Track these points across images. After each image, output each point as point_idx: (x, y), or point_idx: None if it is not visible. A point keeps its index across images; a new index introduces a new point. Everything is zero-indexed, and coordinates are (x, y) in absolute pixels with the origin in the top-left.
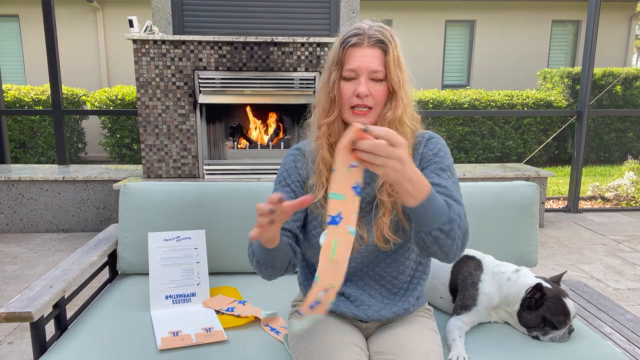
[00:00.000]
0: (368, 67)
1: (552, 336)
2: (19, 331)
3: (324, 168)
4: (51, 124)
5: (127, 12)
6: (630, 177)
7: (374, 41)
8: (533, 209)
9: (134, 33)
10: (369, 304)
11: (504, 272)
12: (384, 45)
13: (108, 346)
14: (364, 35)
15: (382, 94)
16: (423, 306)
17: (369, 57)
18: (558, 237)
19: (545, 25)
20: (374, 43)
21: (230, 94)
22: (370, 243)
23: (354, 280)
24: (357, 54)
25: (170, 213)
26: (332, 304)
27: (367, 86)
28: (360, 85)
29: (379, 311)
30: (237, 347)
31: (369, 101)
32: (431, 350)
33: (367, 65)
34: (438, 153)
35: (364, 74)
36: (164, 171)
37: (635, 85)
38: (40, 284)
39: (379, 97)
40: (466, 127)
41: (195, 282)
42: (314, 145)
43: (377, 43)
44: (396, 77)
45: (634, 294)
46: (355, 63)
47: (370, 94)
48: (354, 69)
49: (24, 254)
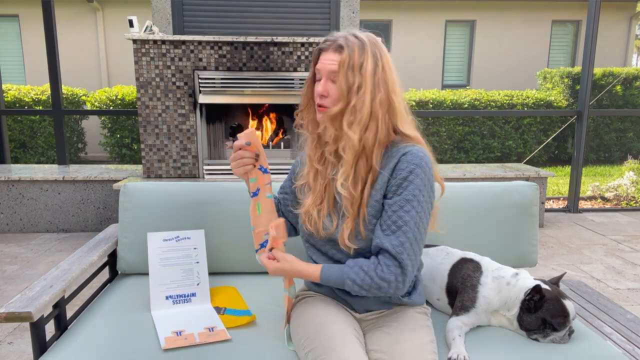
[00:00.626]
0: (327, 68)
1: (553, 338)
2: (19, 331)
3: (308, 162)
4: (51, 124)
5: (127, 12)
6: (630, 177)
7: (336, 46)
8: (533, 209)
9: (134, 33)
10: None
11: (504, 276)
12: (342, 50)
13: (108, 346)
14: (332, 41)
15: (334, 93)
16: (420, 306)
17: (329, 60)
18: (558, 237)
19: (545, 25)
20: (336, 47)
21: (230, 94)
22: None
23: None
24: (323, 58)
25: (170, 213)
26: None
27: (325, 86)
28: (320, 86)
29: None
30: (239, 346)
31: (325, 101)
32: (424, 345)
33: (326, 66)
34: (407, 177)
35: (325, 75)
36: (164, 171)
37: (635, 85)
38: (40, 284)
39: (333, 97)
40: (466, 127)
41: (195, 282)
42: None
43: (338, 48)
44: (345, 79)
45: (634, 294)
46: (320, 65)
47: (328, 94)
48: (318, 70)
49: (24, 254)
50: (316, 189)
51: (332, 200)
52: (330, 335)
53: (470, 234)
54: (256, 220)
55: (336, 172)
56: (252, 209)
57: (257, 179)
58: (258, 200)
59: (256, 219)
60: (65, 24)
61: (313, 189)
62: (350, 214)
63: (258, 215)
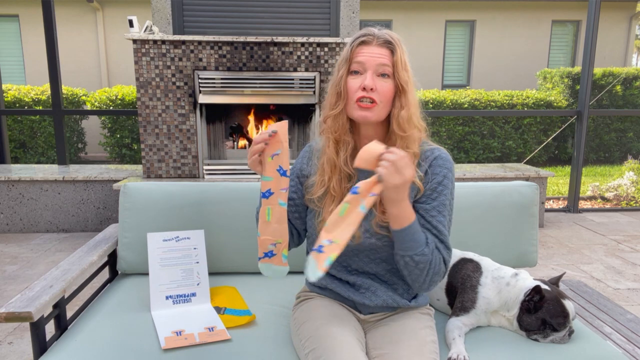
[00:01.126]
0: (375, 60)
1: (553, 338)
2: (19, 331)
3: (328, 167)
4: (51, 124)
5: (127, 12)
6: (630, 177)
7: (382, 41)
8: (533, 209)
9: (134, 33)
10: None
11: (503, 276)
12: (392, 46)
13: (108, 346)
14: (373, 35)
15: (388, 90)
16: (424, 306)
17: (377, 53)
18: (558, 237)
19: (545, 25)
20: (382, 42)
21: (230, 94)
22: (362, 243)
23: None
24: (365, 50)
25: (170, 213)
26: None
27: (373, 80)
28: (367, 79)
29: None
30: (239, 346)
31: (374, 95)
32: (425, 344)
33: (375, 59)
34: (442, 182)
35: (371, 68)
36: (164, 171)
37: (635, 85)
38: (40, 284)
39: (385, 92)
40: (466, 127)
41: (195, 282)
42: (321, 143)
43: (385, 43)
44: (404, 76)
45: (634, 294)
46: (363, 57)
47: (376, 89)
48: (361, 62)
49: (24, 254)
50: (338, 195)
51: None
52: (331, 337)
53: (470, 234)
54: (264, 226)
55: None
56: (262, 213)
57: (272, 179)
58: (269, 205)
59: (264, 225)
60: (65, 24)
61: (335, 196)
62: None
63: (267, 222)
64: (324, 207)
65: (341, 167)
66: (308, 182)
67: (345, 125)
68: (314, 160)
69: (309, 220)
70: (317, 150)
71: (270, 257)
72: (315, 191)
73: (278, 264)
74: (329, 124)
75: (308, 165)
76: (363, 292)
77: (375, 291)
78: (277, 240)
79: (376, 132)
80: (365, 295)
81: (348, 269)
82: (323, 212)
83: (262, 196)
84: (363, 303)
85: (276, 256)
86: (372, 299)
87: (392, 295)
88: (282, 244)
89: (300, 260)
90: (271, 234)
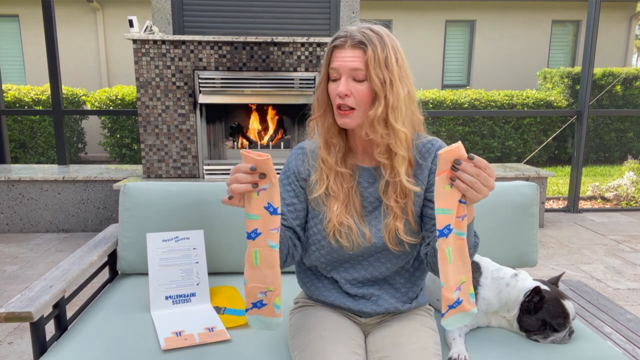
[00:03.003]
0: (347, 65)
1: (553, 339)
2: (19, 331)
3: (325, 167)
4: (51, 124)
5: (127, 12)
6: (630, 177)
7: (355, 42)
8: (533, 209)
9: (134, 33)
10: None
11: (503, 277)
12: (364, 46)
13: (108, 346)
14: (347, 37)
15: (364, 93)
16: (424, 306)
17: (349, 57)
18: (558, 237)
19: (545, 25)
20: (355, 44)
21: (230, 94)
22: (374, 243)
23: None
24: (339, 55)
25: (170, 213)
26: (335, 300)
27: (346, 86)
28: (340, 85)
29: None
30: (239, 346)
31: (349, 101)
32: (427, 347)
33: (347, 64)
34: None
35: (345, 74)
36: (164, 171)
37: (635, 85)
38: (40, 284)
39: (361, 97)
40: (466, 127)
41: (195, 282)
42: (315, 144)
43: (358, 44)
44: (377, 77)
45: (634, 294)
46: (337, 63)
47: (352, 94)
48: (335, 68)
49: (24, 254)
50: (341, 194)
51: (359, 205)
52: (322, 354)
53: None
54: (252, 272)
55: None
56: (248, 257)
57: (260, 218)
58: (257, 247)
59: (252, 271)
60: (65, 24)
61: (337, 195)
62: (399, 210)
63: (255, 267)
64: (329, 208)
65: (336, 168)
66: (310, 180)
67: (332, 129)
68: (309, 161)
69: (313, 227)
70: (312, 151)
71: (260, 308)
72: (317, 189)
73: (269, 315)
74: (314, 126)
75: (303, 166)
76: (364, 302)
77: (376, 301)
78: (268, 288)
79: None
80: (366, 305)
81: (352, 282)
82: (329, 213)
83: (248, 237)
84: (363, 311)
85: (267, 306)
86: (372, 307)
87: (393, 303)
88: (273, 292)
89: None
90: (261, 281)
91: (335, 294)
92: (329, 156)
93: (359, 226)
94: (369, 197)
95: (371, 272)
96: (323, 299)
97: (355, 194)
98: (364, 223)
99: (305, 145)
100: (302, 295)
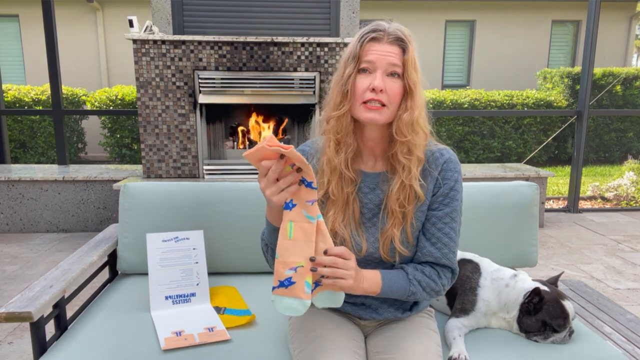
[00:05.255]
0: (387, 60)
1: (554, 339)
2: (19, 331)
3: (328, 169)
4: (51, 124)
5: (127, 12)
6: (630, 177)
7: (394, 38)
8: (533, 209)
9: (134, 33)
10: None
11: (502, 278)
12: (403, 44)
13: (108, 346)
14: (384, 32)
15: (398, 91)
16: (426, 307)
17: (387, 51)
18: (558, 237)
19: (545, 25)
20: (393, 40)
21: (230, 94)
22: (371, 253)
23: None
24: (376, 48)
25: (170, 213)
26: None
27: (383, 81)
28: (376, 79)
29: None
30: (239, 346)
31: (383, 97)
32: (429, 349)
33: (386, 58)
34: (454, 187)
35: (381, 68)
36: (164, 171)
37: (635, 85)
38: (40, 284)
39: (394, 94)
40: (466, 127)
41: (195, 282)
42: (320, 144)
43: (396, 40)
44: (411, 77)
45: (634, 294)
46: (374, 56)
47: (385, 91)
48: (371, 61)
49: (24, 254)
50: (339, 200)
51: (358, 212)
52: (323, 353)
53: (470, 234)
54: (283, 245)
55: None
56: (282, 230)
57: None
58: (292, 219)
59: (284, 242)
60: (65, 24)
61: (336, 200)
62: (400, 215)
63: (288, 240)
64: (326, 213)
65: (341, 170)
66: None
67: (349, 127)
68: (313, 161)
69: None
70: (317, 151)
71: (287, 287)
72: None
73: (296, 296)
74: (331, 124)
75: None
76: (364, 309)
77: (376, 309)
78: (299, 264)
79: (382, 134)
80: (366, 312)
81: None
82: (325, 218)
83: (285, 207)
84: (362, 317)
85: (295, 285)
86: (372, 315)
87: (393, 312)
88: (304, 269)
89: None
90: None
91: None
92: (336, 156)
93: (354, 236)
94: (369, 204)
95: None
96: None
97: (355, 200)
98: (360, 230)
99: (305, 149)
100: None
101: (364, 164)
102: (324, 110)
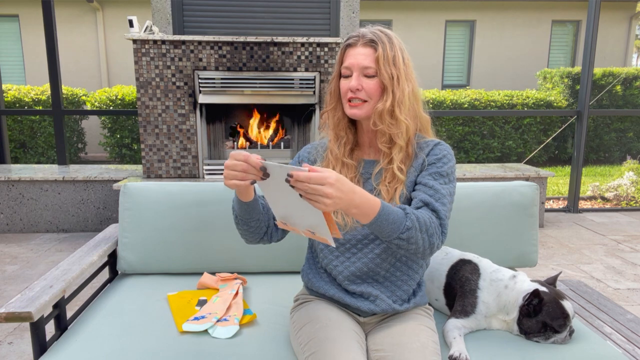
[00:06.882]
0: (359, 63)
1: (554, 340)
2: (19, 331)
3: (332, 158)
4: (51, 124)
5: (127, 12)
6: (630, 177)
7: (366, 41)
8: (533, 209)
9: (134, 33)
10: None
11: (501, 279)
12: (374, 44)
13: (108, 346)
14: (359, 37)
15: (374, 88)
16: (423, 306)
17: (361, 55)
18: (558, 237)
19: (545, 25)
20: (366, 42)
21: (230, 94)
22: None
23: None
24: (352, 53)
25: (170, 213)
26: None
27: (358, 81)
28: (352, 81)
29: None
30: (239, 346)
31: (361, 95)
32: (427, 346)
33: (358, 62)
34: (442, 159)
35: (357, 71)
36: (164, 171)
37: (635, 85)
38: (40, 284)
39: (371, 91)
40: (466, 127)
41: None
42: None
43: (368, 42)
44: (387, 73)
45: (634, 294)
46: (349, 61)
47: (363, 89)
48: (348, 66)
49: (24, 254)
50: None
51: None
52: (331, 340)
53: (470, 234)
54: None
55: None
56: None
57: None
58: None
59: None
60: (65, 24)
61: None
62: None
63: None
64: None
65: (342, 159)
66: (316, 165)
67: (342, 121)
68: (319, 152)
69: None
70: (322, 145)
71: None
72: None
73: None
74: (326, 118)
75: (311, 154)
76: (362, 301)
77: (374, 301)
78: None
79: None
80: (364, 303)
81: (350, 278)
82: None
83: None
84: (361, 310)
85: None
86: (370, 307)
87: (391, 304)
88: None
89: (301, 259)
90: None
91: (334, 289)
92: (337, 147)
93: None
94: (368, 186)
95: (366, 263)
96: (323, 292)
97: (358, 184)
98: None
99: (315, 144)
100: (303, 291)
101: (365, 153)
102: (323, 107)
